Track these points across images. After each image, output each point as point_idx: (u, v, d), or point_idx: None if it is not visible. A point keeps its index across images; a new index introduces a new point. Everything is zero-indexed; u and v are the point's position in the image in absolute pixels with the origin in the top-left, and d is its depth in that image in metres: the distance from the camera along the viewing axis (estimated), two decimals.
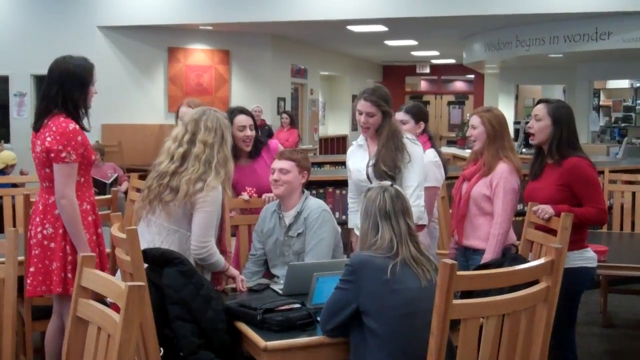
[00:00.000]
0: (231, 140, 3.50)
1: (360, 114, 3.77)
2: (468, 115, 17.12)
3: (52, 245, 3.39)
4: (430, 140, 4.47)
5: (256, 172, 4.25)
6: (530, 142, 3.85)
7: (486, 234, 3.76)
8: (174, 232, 3.32)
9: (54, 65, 3.44)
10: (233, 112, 4.20)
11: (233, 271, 3.47)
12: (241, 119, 4.19)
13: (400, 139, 3.76)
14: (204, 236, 3.29)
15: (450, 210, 4.38)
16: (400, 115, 4.36)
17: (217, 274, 3.45)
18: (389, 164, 3.68)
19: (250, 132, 4.20)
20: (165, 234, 3.32)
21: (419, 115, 4.47)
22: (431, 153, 4.34)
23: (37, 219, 3.43)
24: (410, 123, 4.39)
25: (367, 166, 3.78)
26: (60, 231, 3.39)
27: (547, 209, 3.57)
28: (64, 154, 3.30)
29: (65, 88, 3.40)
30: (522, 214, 5.86)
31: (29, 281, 3.42)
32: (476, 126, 3.84)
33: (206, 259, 3.32)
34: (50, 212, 3.40)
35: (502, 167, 3.75)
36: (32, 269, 3.41)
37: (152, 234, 3.32)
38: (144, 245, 3.04)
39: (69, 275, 3.36)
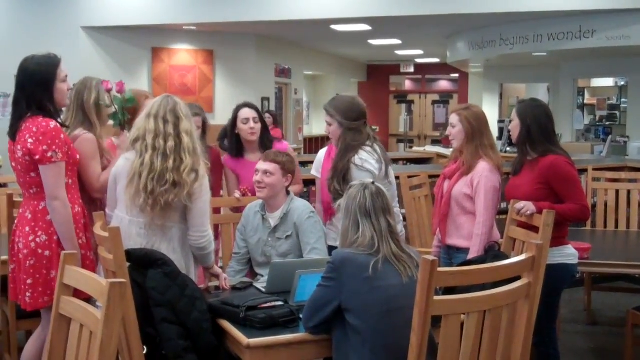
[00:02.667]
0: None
1: None
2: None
3: (47, 253, 3.25)
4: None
5: None
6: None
7: (469, 233, 3.76)
8: (169, 229, 3.26)
9: (18, 68, 3.31)
10: (238, 107, 4.40)
11: (217, 269, 3.47)
12: (245, 112, 4.35)
13: (347, 158, 3.75)
14: (204, 225, 3.28)
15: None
16: (326, 117, 4.15)
17: (201, 272, 3.45)
18: (332, 187, 3.74)
19: (255, 124, 4.32)
20: (162, 234, 3.25)
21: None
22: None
23: (27, 229, 3.26)
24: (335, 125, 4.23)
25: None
26: (55, 237, 3.26)
27: (529, 206, 3.59)
28: (50, 154, 3.15)
29: (27, 90, 3.25)
30: (505, 212, 5.94)
31: (28, 294, 3.24)
32: (455, 124, 3.84)
33: (206, 247, 3.31)
34: (42, 219, 3.26)
35: (482, 166, 3.75)
36: (29, 281, 3.24)
37: (148, 236, 3.23)
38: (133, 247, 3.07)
39: None
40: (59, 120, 3.33)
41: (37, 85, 3.26)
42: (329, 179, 3.79)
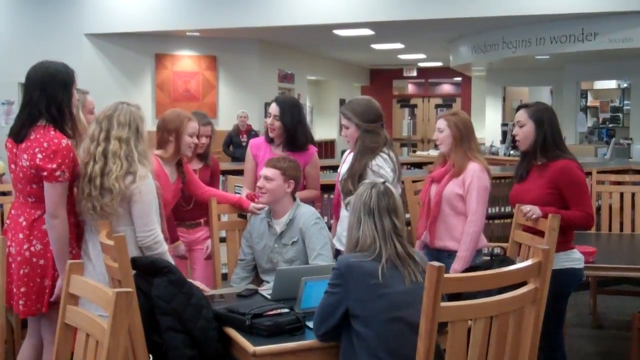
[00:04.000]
0: (146, 132, 3.42)
1: None
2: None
3: (42, 262, 3.23)
4: None
5: None
6: (518, 148, 3.86)
7: (460, 234, 3.76)
8: (122, 232, 3.26)
9: (33, 71, 3.29)
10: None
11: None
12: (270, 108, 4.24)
13: (365, 162, 3.74)
14: (146, 225, 3.29)
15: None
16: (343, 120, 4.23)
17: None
18: (347, 188, 3.71)
19: (275, 121, 4.19)
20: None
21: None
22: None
23: (21, 236, 3.24)
24: (352, 128, 4.26)
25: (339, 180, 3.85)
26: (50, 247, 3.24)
27: (534, 210, 3.59)
28: (58, 173, 3.14)
29: (48, 91, 3.21)
30: (507, 216, 5.94)
31: (22, 302, 3.22)
32: (442, 129, 3.85)
33: (152, 247, 3.30)
34: (37, 228, 3.24)
35: (473, 166, 3.76)
36: (23, 289, 3.22)
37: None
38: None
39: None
40: (68, 131, 3.29)
41: (59, 86, 3.25)
42: (344, 179, 3.80)
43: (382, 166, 3.75)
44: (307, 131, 4.37)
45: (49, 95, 3.22)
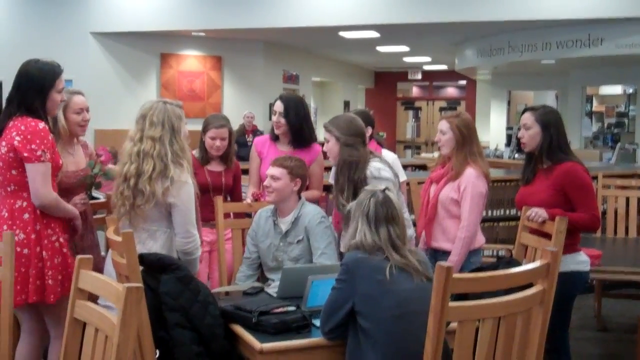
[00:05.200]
0: (186, 130, 3.45)
1: None
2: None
3: (26, 251, 3.20)
4: (380, 144, 4.42)
5: None
6: (523, 149, 3.88)
7: (455, 236, 3.79)
8: (154, 232, 3.33)
9: (20, 68, 3.30)
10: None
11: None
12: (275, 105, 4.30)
13: (346, 176, 3.66)
14: (188, 231, 3.33)
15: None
16: None
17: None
18: (339, 204, 3.67)
19: (280, 119, 4.24)
20: (146, 236, 3.31)
21: (365, 120, 4.24)
22: (387, 152, 4.37)
23: (5, 227, 3.19)
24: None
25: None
26: (33, 236, 3.21)
27: (540, 212, 3.59)
28: (39, 153, 3.13)
29: (21, 91, 3.23)
30: (512, 219, 5.95)
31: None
32: (445, 131, 3.85)
33: (192, 252, 3.34)
34: (19, 217, 3.21)
35: (469, 172, 3.77)
36: None
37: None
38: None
39: (49, 282, 3.21)
40: (48, 124, 3.29)
41: (33, 88, 3.24)
42: (334, 197, 3.76)
43: (381, 167, 3.73)
44: (312, 128, 4.39)
45: (21, 95, 3.24)
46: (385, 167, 3.75)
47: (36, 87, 3.24)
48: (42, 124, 3.19)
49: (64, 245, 3.31)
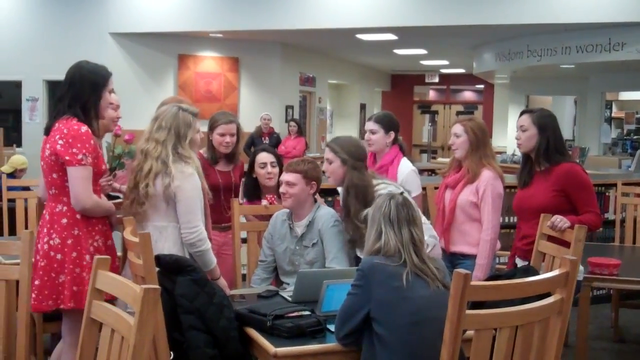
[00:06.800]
0: (196, 138, 3.50)
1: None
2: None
3: (59, 257, 3.19)
4: (402, 150, 4.26)
5: None
6: (518, 150, 3.94)
7: (475, 240, 3.82)
8: (165, 228, 3.34)
9: (69, 69, 3.32)
10: (256, 152, 4.43)
11: (223, 281, 3.48)
12: (262, 157, 4.37)
13: (359, 201, 3.56)
14: (190, 222, 3.34)
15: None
16: (369, 125, 4.22)
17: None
18: (351, 230, 3.59)
19: (272, 169, 4.35)
20: (158, 234, 3.31)
21: (389, 124, 4.22)
22: (406, 162, 4.20)
23: (45, 230, 3.23)
24: (379, 133, 4.17)
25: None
26: (69, 242, 3.19)
27: (565, 220, 3.58)
28: (80, 157, 3.13)
29: (75, 89, 3.24)
30: (510, 226, 5.84)
31: (34, 295, 3.17)
32: (459, 134, 3.89)
33: (197, 244, 3.34)
34: (57, 222, 3.21)
35: (487, 174, 3.81)
36: (37, 282, 3.16)
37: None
38: None
39: (75, 288, 3.18)
40: (93, 127, 3.29)
41: (86, 86, 3.26)
42: (345, 223, 3.64)
43: (390, 183, 3.66)
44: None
45: (74, 93, 3.25)
46: (392, 186, 3.68)
47: (90, 85, 3.27)
48: (84, 128, 3.20)
49: (99, 249, 3.28)
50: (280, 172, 4.20)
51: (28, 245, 2.69)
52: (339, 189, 3.78)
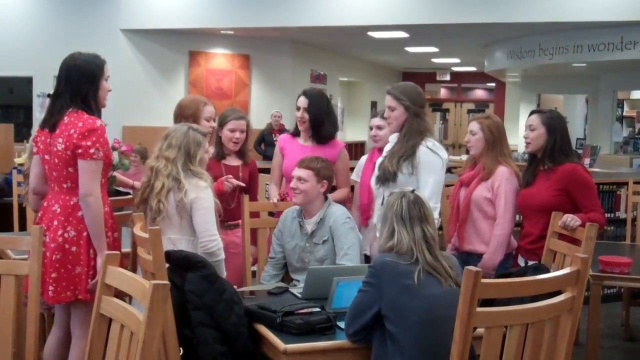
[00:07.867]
0: (205, 157, 3.59)
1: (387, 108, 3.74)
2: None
3: (74, 249, 3.21)
4: None
5: None
6: (525, 149, 3.95)
7: (490, 238, 3.79)
8: (179, 241, 3.38)
9: (63, 62, 3.31)
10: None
11: None
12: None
13: (413, 141, 3.62)
14: (209, 230, 3.40)
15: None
16: (376, 121, 4.21)
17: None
18: (387, 168, 3.61)
19: (304, 114, 4.29)
20: (172, 246, 3.31)
21: None
22: None
23: (55, 222, 3.22)
24: (386, 128, 4.09)
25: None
26: (84, 234, 3.22)
27: (576, 218, 3.58)
28: (92, 150, 3.15)
29: (73, 82, 3.24)
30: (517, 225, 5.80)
31: (52, 288, 3.20)
32: (475, 132, 3.89)
33: (216, 253, 3.37)
34: (73, 215, 3.23)
35: (502, 170, 3.82)
36: (54, 275, 3.20)
37: None
38: None
39: (90, 280, 3.21)
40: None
41: (84, 78, 3.26)
42: (385, 158, 3.67)
43: (439, 146, 3.68)
44: (335, 124, 4.38)
45: (73, 86, 3.26)
46: (442, 148, 3.70)
47: (87, 76, 3.26)
48: (99, 122, 3.22)
49: (110, 244, 3.31)
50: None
51: (38, 241, 2.70)
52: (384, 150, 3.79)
